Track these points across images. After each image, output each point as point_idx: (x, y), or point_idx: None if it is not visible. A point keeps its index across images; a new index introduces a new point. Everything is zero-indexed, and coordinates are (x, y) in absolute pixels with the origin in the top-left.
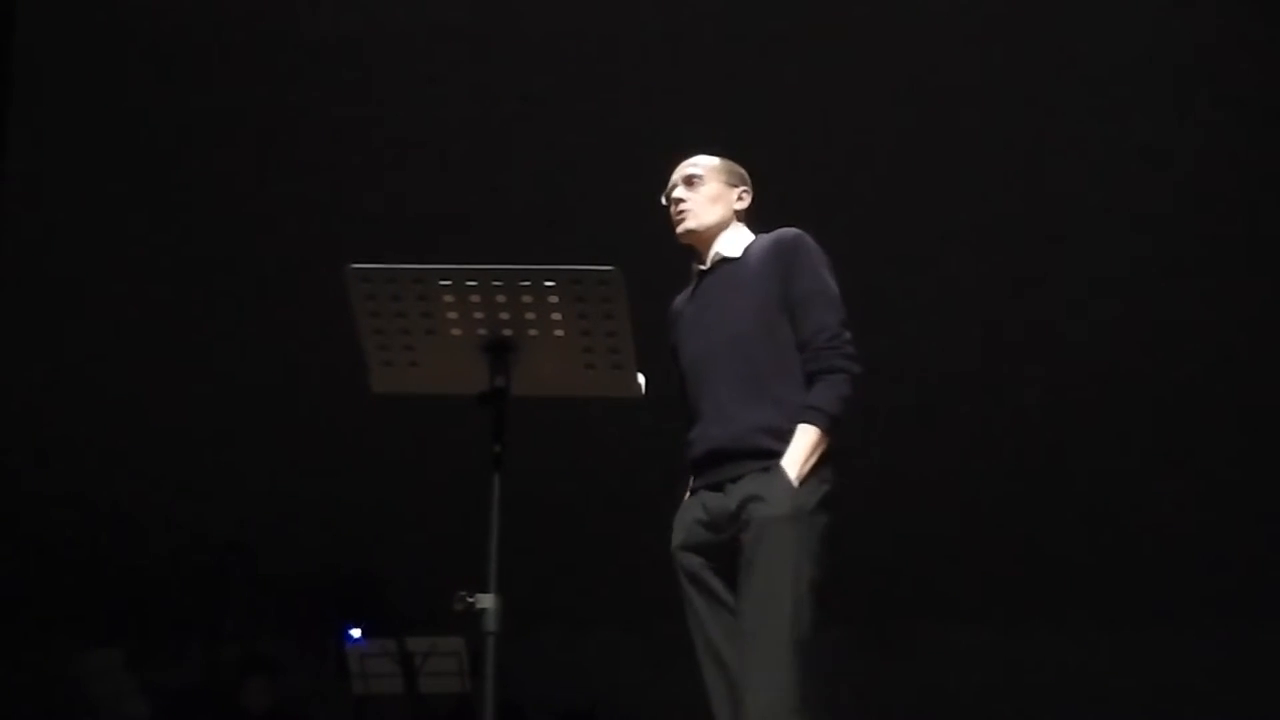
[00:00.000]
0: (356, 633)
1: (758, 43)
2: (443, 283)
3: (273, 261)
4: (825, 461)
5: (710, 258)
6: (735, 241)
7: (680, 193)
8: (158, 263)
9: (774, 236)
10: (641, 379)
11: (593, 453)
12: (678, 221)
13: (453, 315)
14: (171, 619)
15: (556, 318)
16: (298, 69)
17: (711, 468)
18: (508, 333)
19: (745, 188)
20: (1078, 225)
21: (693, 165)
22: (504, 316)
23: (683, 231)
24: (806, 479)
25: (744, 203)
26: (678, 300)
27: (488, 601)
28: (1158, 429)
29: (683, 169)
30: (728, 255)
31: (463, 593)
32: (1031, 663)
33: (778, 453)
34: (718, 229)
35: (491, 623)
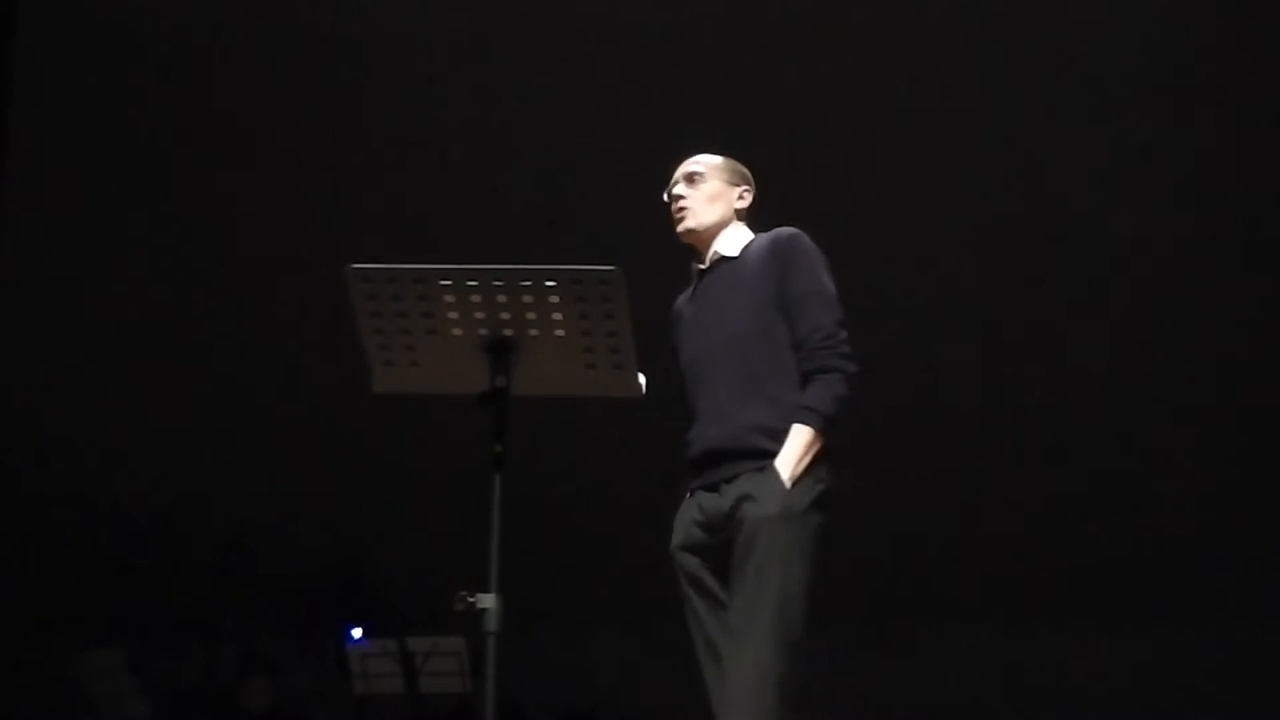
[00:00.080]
0: (357, 633)
1: (758, 43)
2: (443, 282)
3: (273, 261)
4: (820, 461)
5: (709, 257)
6: (735, 241)
7: (680, 190)
8: (158, 263)
9: (771, 236)
10: (642, 379)
11: (593, 453)
12: (677, 219)
13: (453, 315)
14: (171, 619)
15: (557, 317)
16: (298, 69)
17: (708, 468)
18: (508, 332)
19: (747, 187)
20: (1078, 225)
21: (694, 163)
22: (505, 316)
23: (682, 230)
24: (800, 479)
25: (745, 202)
26: (679, 300)
27: (488, 601)
28: (1158, 429)
29: (684, 166)
30: (726, 254)
31: (463, 593)
32: (1031, 663)
33: (772, 453)
34: (717, 228)
35: (492, 623)
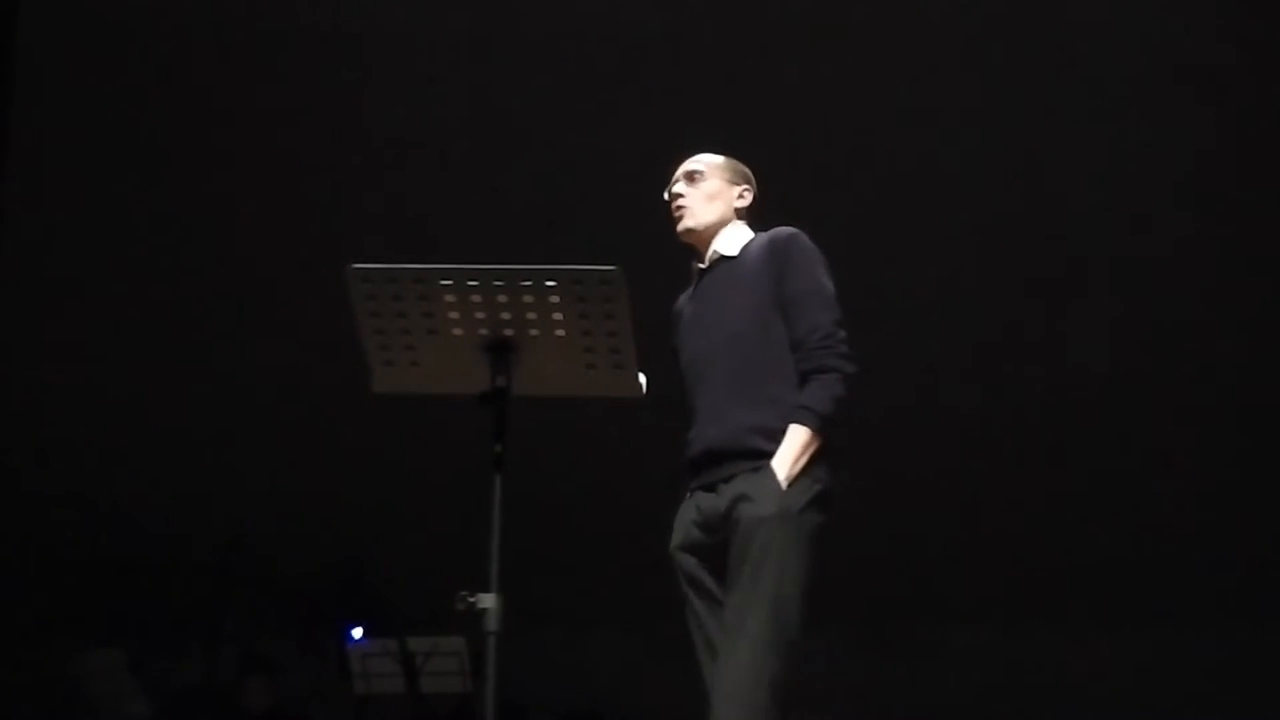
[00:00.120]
0: (358, 633)
1: (758, 43)
2: (444, 282)
3: (273, 261)
4: (818, 461)
5: (709, 256)
6: (734, 240)
7: (680, 188)
8: (158, 263)
9: (769, 235)
10: (643, 379)
11: (593, 453)
12: (676, 218)
13: (454, 315)
14: (171, 619)
15: (558, 317)
16: (298, 69)
17: (706, 468)
18: (509, 332)
19: (747, 186)
20: (1078, 225)
21: (695, 162)
22: (505, 316)
23: (681, 229)
24: (797, 479)
25: (745, 201)
26: (680, 299)
27: (489, 601)
28: (1158, 429)
29: (685, 165)
30: (726, 254)
31: (464, 592)
32: (1031, 663)
33: (769, 453)
34: (717, 226)
35: (493, 622)
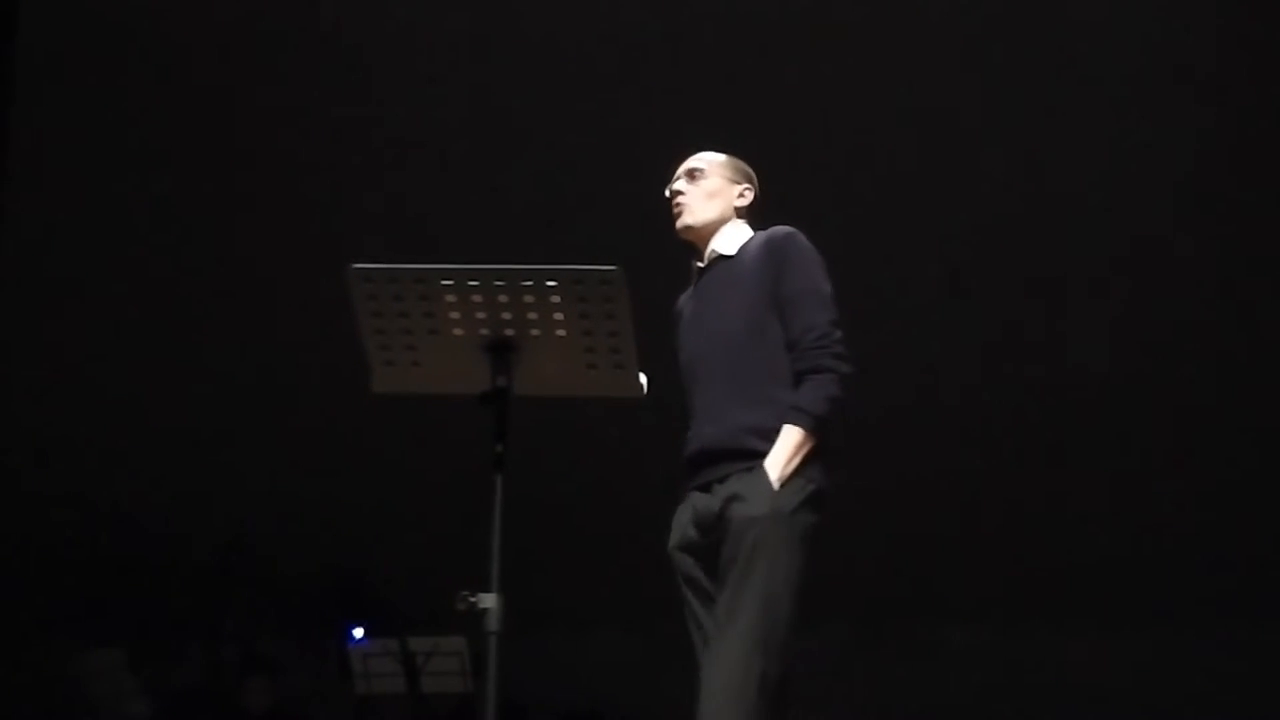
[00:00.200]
0: (359, 633)
1: (758, 43)
2: (445, 282)
3: (273, 261)
4: (811, 461)
5: (708, 255)
6: (733, 239)
7: (681, 186)
8: (158, 263)
9: (766, 235)
10: (643, 379)
11: (593, 453)
12: (676, 215)
13: (455, 315)
14: (171, 619)
15: (559, 317)
16: (298, 69)
17: (702, 468)
18: (510, 332)
19: (748, 185)
20: (1078, 225)
21: (696, 160)
22: (506, 316)
23: (680, 226)
24: (790, 479)
25: (746, 200)
26: (681, 298)
27: (490, 601)
28: (1158, 429)
29: (687, 163)
30: (724, 253)
31: (465, 592)
32: (1031, 663)
33: (763, 453)
34: (716, 225)
35: (493, 622)
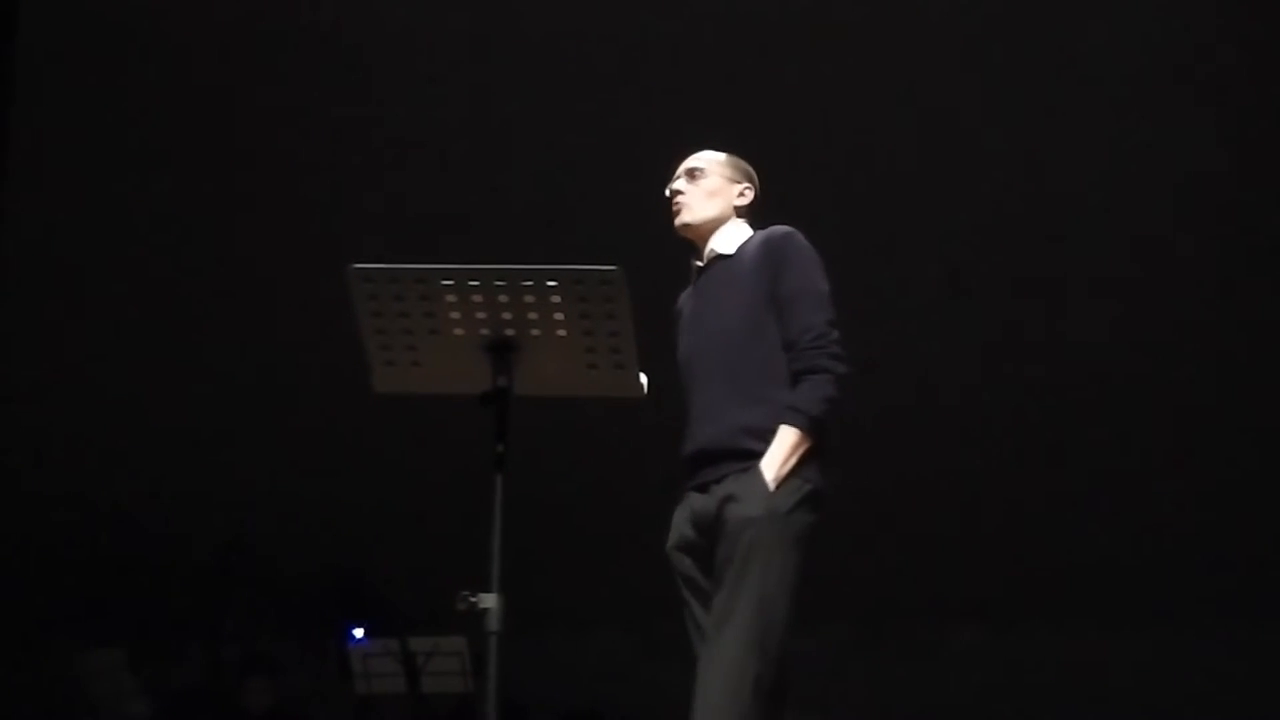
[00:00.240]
0: (359, 633)
1: (758, 43)
2: (445, 282)
3: (273, 261)
4: (808, 462)
5: (706, 254)
6: (732, 238)
7: (680, 185)
8: (158, 263)
9: (764, 234)
10: (644, 379)
11: (593, 453)
12: (674, 212)
13: (455, 315)
14: (171, 619)
15: (559, 317)
16: (298, 69)
17: (699, 468)
18: (510, 332)
19: (748, 184)
20: (1078, 225)
21: (697, 158)
22: (506, 316)
23: (678, 224)
24: (786, 480)
25: (746, 199)
26: (681, 297)
27: (490, 601)
28: (1158, 429)
29: (687, 161)
30: (722, 252)
31: (465, 592)
32: (1031, 663)
33: (759, 453)
34: (714, 224)
35: (494, 622)
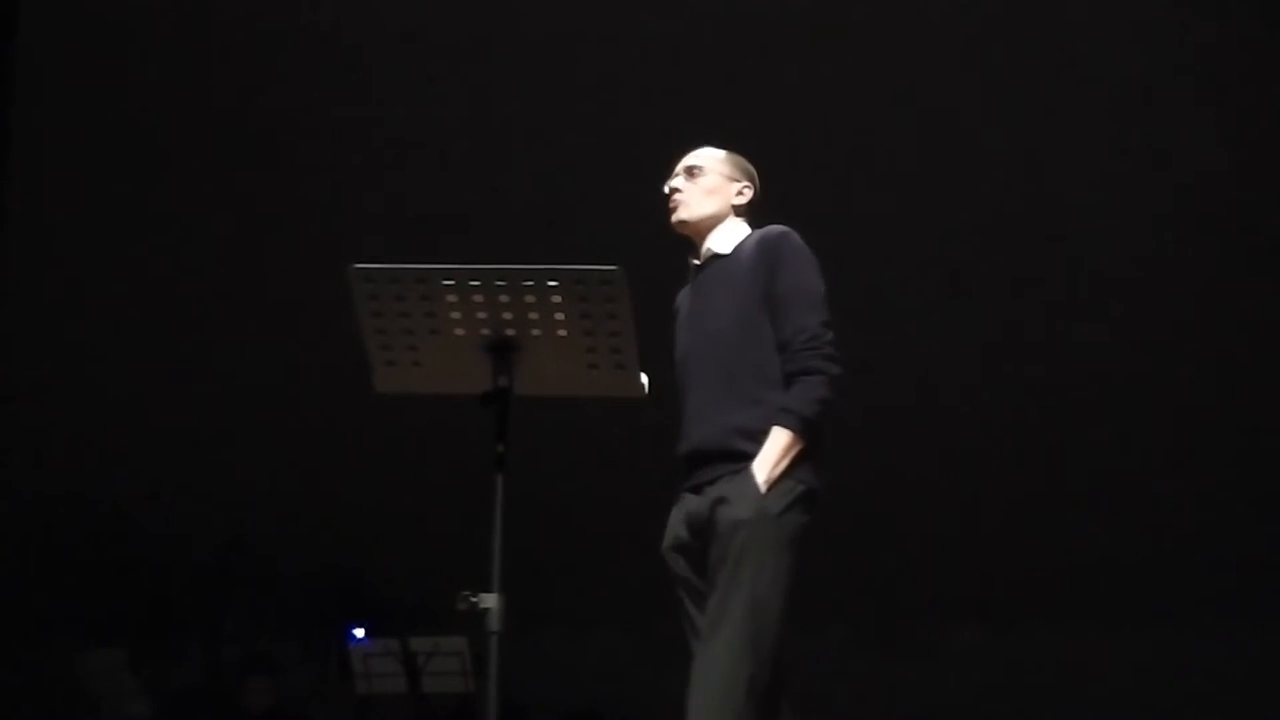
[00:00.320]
0: (360, 632)
1: (758, 43)
2: (446, 282)
3: (273, 261)
4: (801, 463)
5: (703, 253)
6: (729, 237)
7: (678, 182)
8: (158, 263)
9: (760, 234)
10: (644, 379)
11: (593, 453)
12: (671, 210)
13: (456, 315)
14: (171, 619)
15: (559, 317)
16: (298, 69)
17: (693, 469)
18: (511, 332)
19: (747, 183)
20: (1078, 225)
21: (695, 156)
22: (507, 316)
23: (674, 221)
24: (778, 481)
25: (744, 198)
26: (679, 296)
27: (491, 601)
28: (1158, 429)
29: (686, 159)
30: (719, 251)
31: (466, 592)
32: (1031, 663)
33: (752, 455)
34: (711, 222)
35: (494, 622)
